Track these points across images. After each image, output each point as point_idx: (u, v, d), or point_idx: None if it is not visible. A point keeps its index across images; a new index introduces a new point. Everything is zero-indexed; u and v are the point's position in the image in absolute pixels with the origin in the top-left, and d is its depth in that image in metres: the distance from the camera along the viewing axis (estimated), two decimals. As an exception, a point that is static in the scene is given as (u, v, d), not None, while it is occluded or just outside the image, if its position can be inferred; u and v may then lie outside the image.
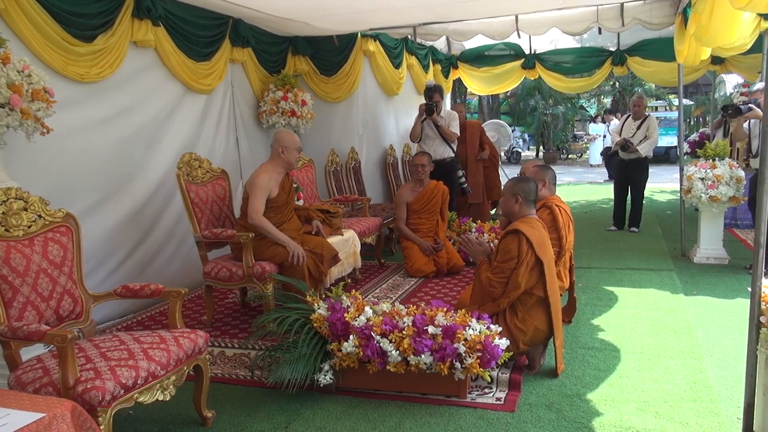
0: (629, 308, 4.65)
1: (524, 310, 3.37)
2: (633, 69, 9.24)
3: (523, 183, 3.51)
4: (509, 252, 3.30)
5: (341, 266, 4.75)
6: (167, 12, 4.77)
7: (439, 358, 3.05)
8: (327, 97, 7.00)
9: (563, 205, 4.08)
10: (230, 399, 3.28)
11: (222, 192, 4.48)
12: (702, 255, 6.00)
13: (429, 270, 5.41)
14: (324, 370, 3.21)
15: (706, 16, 4.29)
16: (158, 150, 4.78)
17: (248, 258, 3.92)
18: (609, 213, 9.67)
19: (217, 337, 3.98)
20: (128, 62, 4.45)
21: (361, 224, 5.52)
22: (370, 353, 3.13)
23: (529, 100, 22.50)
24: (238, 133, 5.97)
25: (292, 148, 4.17)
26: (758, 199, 2.57)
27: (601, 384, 3.33)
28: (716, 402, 3.07)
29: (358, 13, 5.81)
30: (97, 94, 4.22)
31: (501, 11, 6.75)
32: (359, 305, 3.35)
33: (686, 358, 3.63)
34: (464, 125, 7.22)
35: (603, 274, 5.66)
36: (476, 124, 7.86)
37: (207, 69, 5.30)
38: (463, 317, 3.19)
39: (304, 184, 5.61)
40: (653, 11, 6.35)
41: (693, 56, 5.82)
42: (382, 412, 3.08)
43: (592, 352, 3.79)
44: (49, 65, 3.78)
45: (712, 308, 4.59)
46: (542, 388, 3.30)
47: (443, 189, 5.77)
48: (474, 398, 3.18)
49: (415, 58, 8.46)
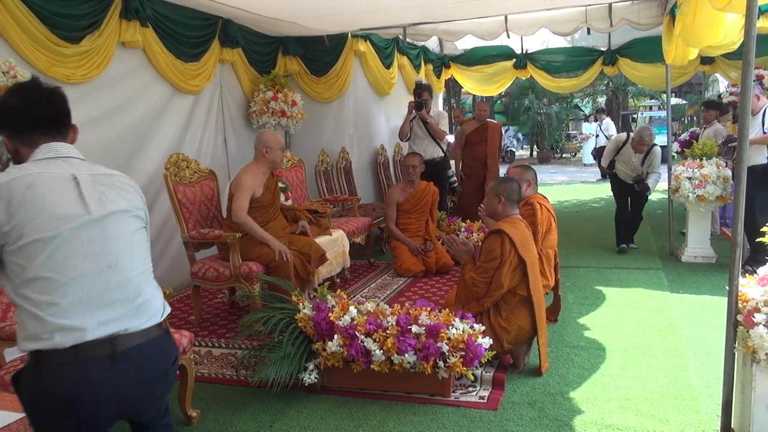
0: (616, 307, 4.68)
1: (508, 309, 3.40)
2: (624, 72, 9.27)
3: (506, 183, 3.54)
4: (492, 252, 3.33)
5: (329, 266, 4.77)
6: (155, 13, 4.78)
7: (423, 357, 3.08)
8: (318, 97, 7.01)
9: (546, 203, 4.11)
10: (216, 398, 3.29)
11: (210, 192, 4.50)
12: (690, 254, 6.03)
13: (418, 270, 5.44)
14: (309, 370, 3.23)
15: (690, 16, 4.33)
16: (146, 151, 4.79)
17: (235, 258, 3.94)
18: (600, 211, 9.75)
19: (204, 336, 4.00)
20: (116, 63, 4.46)
21: (350, 224, 5.54)
22: (355, 353, 3.15)
23: (523, 99, 22.55)
24: (226, 133, 5.98)
25: (276, 148, 4.19)
26: (735, 198, 2.61)
27: (585, 382, 3.36)
28: (697, 399, 3.11)
29: (348, 14, 5.82)
30: (84, 95, 4.22)
31: (490, 11, 6.78)
32: (344, 305, 3.37)
33: (669, 357, 3.66)
34: (486, 125, 7.19)
35: (591, 273, 5.69)
36: (497, 125, 7.69)
37: (196, 69, 5.31)
38: (447, 317, 3.21)
39: (293, 184, 5.63)
40: (641, 12, 6.39)
41: (681, 56, 5.85)
42: (366, 411, 3.10)
43: (577, 350, 3.82)
44: (35, 66, 3.79)
45: (697, 307, 4.63)
46: (526, 387, 3.32)
47: (433, 190, 5.80)
48: (458, 397, 3.20)
49: (406, 58, 8.48)
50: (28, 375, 1.62)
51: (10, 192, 1.58)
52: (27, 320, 1.58)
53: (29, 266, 1.57)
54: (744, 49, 2.49)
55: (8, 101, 1.72)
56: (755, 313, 2.47)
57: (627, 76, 9.94)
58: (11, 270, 1.59)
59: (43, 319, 1.56)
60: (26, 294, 1.57)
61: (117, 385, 1.65)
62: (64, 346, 1.57)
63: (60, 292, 1.58)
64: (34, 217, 1.57)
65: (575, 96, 23.74)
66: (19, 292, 1.59)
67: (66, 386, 1.59)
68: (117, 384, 1.65)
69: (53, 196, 1.61)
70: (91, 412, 1.63)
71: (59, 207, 1.61)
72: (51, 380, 1.59)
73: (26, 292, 1.58)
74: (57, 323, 1.56)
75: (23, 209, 1.57)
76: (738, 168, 2.56)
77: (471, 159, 7.23)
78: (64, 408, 1.61)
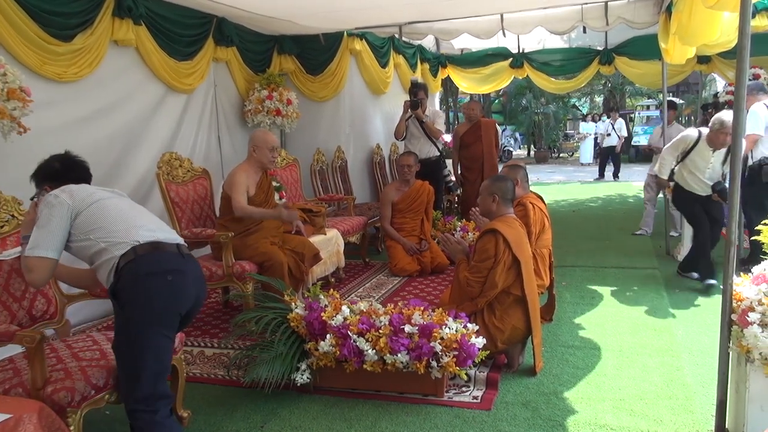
0: (611, 306, 4.66)
1: (502, 309, 3.38)
2: (621, 70, 9.27)
3: (501, 182, 3.51)
4: (486, 251, 3.30)
5: (324, 265, 4.75)
6: (149, 11, 4.74)
7: (416, 357, 3.06)
8: (313, 96, 6.98)
9: (538, 202, 4.09)
10: (207, 399, 3.27)
11: (203, 191, 4.47)
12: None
13: (413, 269, 5.42)
14: (301, 370, 3.21)
15: (686, 15, 4.30)
16: (138, 150, 4.75)
17: (228, 257, 3.91)
18: (597, 211, 9.72)
19: (197, 336, 3.97)
20: (108, 61, 4.41)
21: (345, 223, 5.52)
22: (347, 352, 3.12)
23: (520, 99, 22.55)
24: (220, 132, 5.94)
25: (264, 148, 4.15)
26: (729, 197, 2.59)
27: (579, 382, 3.34)
28: (691, 399, 3.09)
29: (343, 12, 5.79)
30: (75, 94, 4.18)
31: (486, 10, 6.75)
32: (336, 304, 3.35)
33: (664, 356, 3.64)
34: (479, 123, 7.06)
35: (587, 273, 5.68)
36: (490, 122, 7.44)
37: (189, 68, 5.27)
38: (440, 316, 3.19)
39: (288, 184, 5.60)
40: (637, 10, 6.37)
41: (678, 55, 5.83)
42: (359, 412, 3.08)
43: (571, 350, 3.80)
44: (26, 64, 3.74)
45: (692, 306, 4.62)
46: (520, 387, 3.30)
47: (429, 189, 5.77)
48: (451, 397, 3.18)
49: (402, 57, 8.46)
50: (130, 268, 2.25)
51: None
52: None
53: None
54: (738, 45, 2.47)
55: (53, 165, 2.55)
56: (749, 312, 2.46)
57: (624, 74, 9.93)
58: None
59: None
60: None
61: (194, 272, 2.42)
62: (146, 239, 2.32)
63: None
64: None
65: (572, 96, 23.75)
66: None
67: (167, 261, 2.33)
68: (194, 271, 2.42)
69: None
70: (187, 285, 2.35)
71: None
72: (151, 260, 2.29)
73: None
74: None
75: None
76: (733, 165, 2.54)
77: (469, 160, 7.04)
78: (173, 275, 2.30)
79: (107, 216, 2.38)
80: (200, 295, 2.46)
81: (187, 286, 2.34)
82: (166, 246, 2.36)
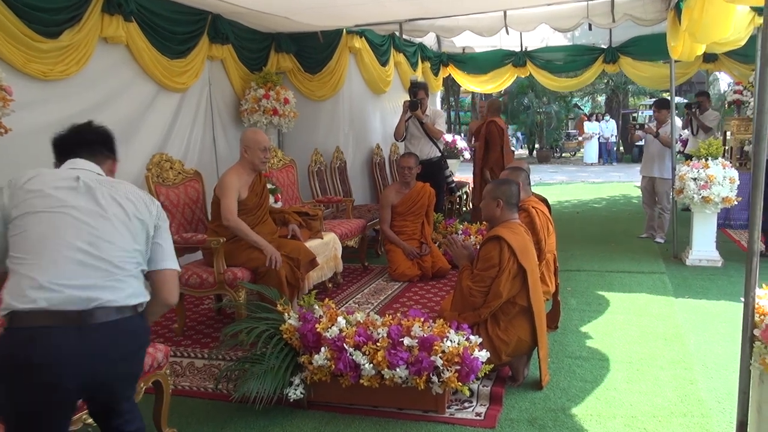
0: (619, 313, 4.49)
1: (507, 320, 3.20)
2: (625, 71, 9.11)
3: (505, 186, 3.33)
4: (490, 259, 3.13)
5: (320, 270, 4.58)
6: (140, 7, 4.58)
7: (415, 371, 2.88)
8: (311, 95, 6.83)
9: (540, 206, 3.92)
10: (195, 414, 3.10)
11: (195, 194, 4.31)
12: (694, 257, 5.85)
13: (413, 274, 5.25)
14: (294, 384, 3.04)
15: (698, 10, 4.13)
16: (129, 151, 4.55)
17: (219, 264, 3.74)
18: (601, 212, 9.54)
19: (187, 346, 3.81)
20: (97, 59, 4.26)
21: (343, 226, 5.34)
22: (343, 366, 2.95)
23: (522, 98, 22.32)
24: (215, 132, 5.78)
25: (255, 148, 3.98)
26: (751, 204, 2.41)
27: (588, 397, 3.17)
28: (707, 417, 2.92)
29: (340, 7, 5.62)
30: (62, 93, 4.03)
31: (489, 6, 6.61)
32: (332, 315, 3.18)
33: (677, 368, 3.47)
34: (485, 122, 6.84)
35: (593, 277, 5.50)
36: (492, 123, 7.10)
37: (182, 66, 5.11)
38: (441, 328, 3.01)
39: (284, 185, 5.43)
40: (645, 6, 6.19)
41: (688, 52, 5.66)
42: (355, 429, 2.91)
43: (579, 361, 3.62)
44: (9, 62, 3.60)
45: (704, 313, 4.44)
46: (525, 402, 3.13)
47: (430, 191, 5.60)
48: (453, 413, 3.01)
49: (402, 55, 8.29)
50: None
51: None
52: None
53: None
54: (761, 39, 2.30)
55: (63, 133, 2.10)
56: (774, 327, 2.28)
57: (628, 76, 9.78)
58: None
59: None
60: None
61: (91, 350, 1.84)
62: (23, 306, 1.77)
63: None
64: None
65: (574, 95, 23.55)
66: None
67: (25, 348, 1.78)
68: (92, 348, 1.84)
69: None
70: (50, 376, 1.80)
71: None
72: (8, 343, 1.80)
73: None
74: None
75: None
76: (756, 170, 2.37)
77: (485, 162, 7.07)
78: (18, 370, 1.79)
79: (25, 242, 1.83)
80: (109, 371, 1.88)
81: (50, 377, 1.76)
82: (52, 318, 1.76)
